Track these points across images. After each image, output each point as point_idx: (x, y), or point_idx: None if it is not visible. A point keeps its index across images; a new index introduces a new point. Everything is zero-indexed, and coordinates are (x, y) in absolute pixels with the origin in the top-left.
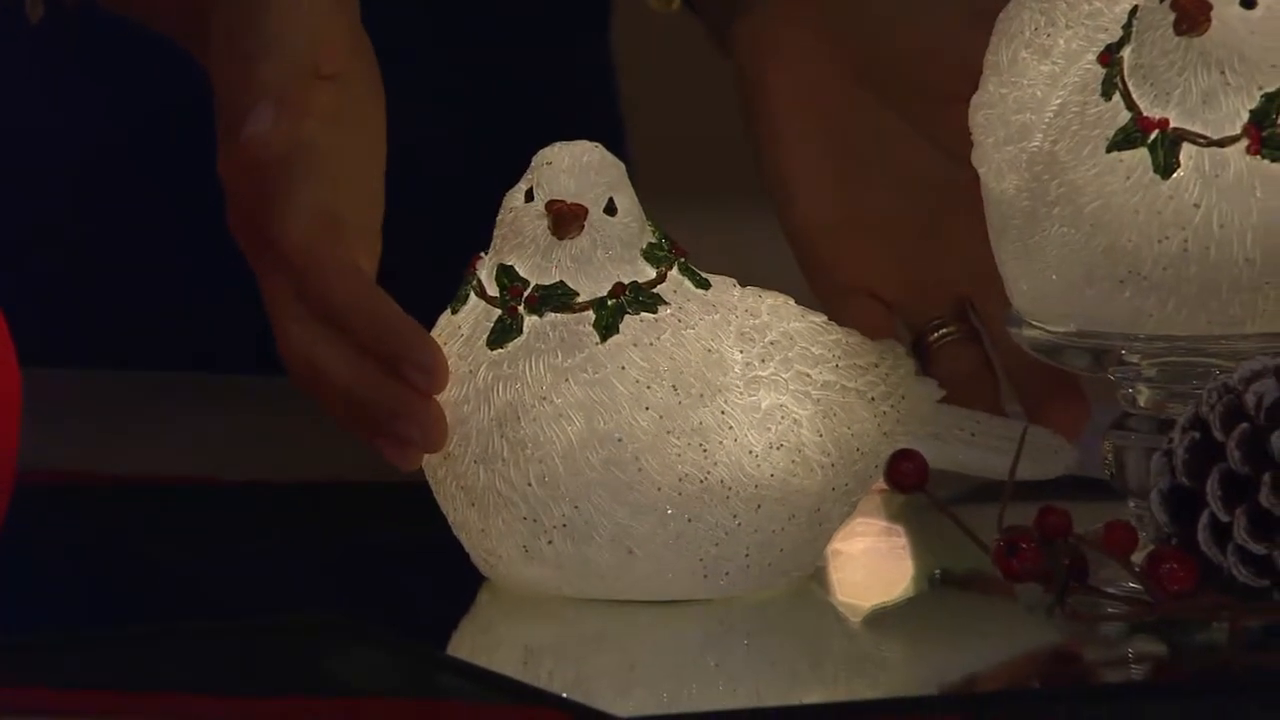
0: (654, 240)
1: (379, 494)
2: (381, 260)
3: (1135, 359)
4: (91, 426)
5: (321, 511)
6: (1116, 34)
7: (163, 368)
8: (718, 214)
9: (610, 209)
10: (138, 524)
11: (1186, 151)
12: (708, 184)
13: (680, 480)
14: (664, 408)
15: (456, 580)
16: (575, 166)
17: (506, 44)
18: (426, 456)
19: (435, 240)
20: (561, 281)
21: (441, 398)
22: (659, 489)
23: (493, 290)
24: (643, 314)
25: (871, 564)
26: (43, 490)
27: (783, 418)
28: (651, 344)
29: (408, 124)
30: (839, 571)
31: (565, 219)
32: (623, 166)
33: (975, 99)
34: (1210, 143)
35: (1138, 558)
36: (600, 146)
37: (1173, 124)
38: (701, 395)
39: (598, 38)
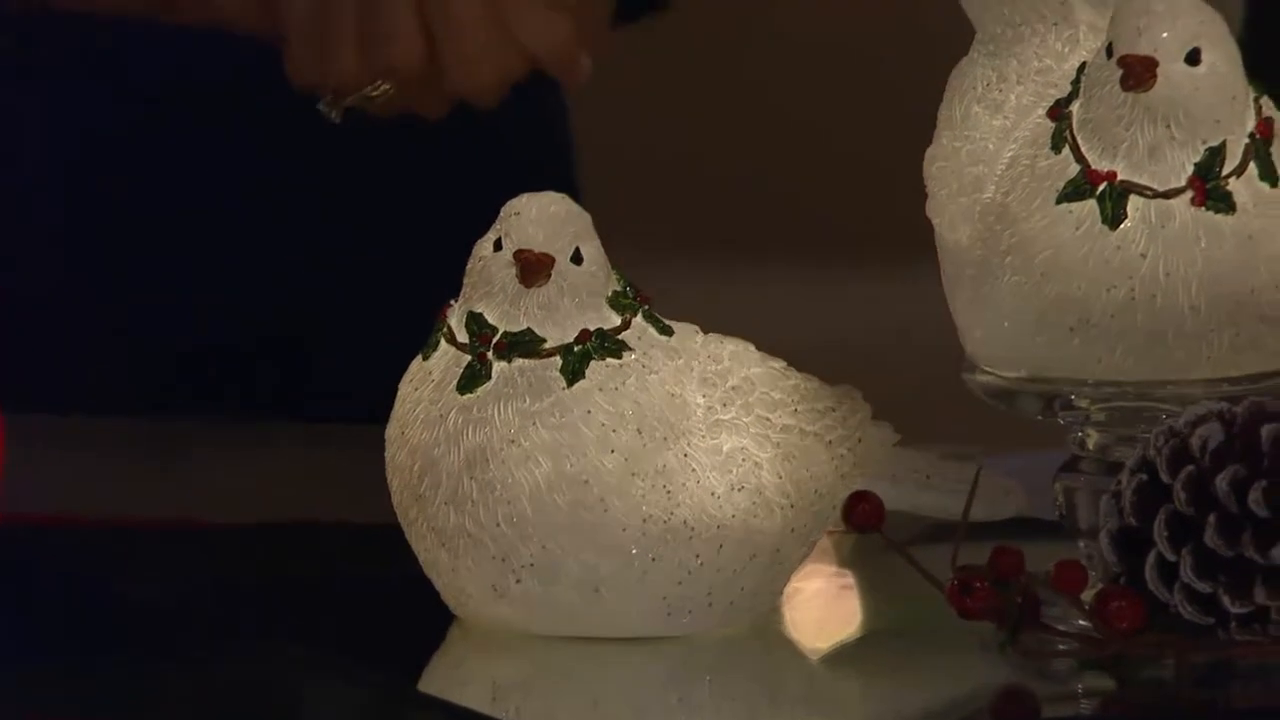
0: (619, 288)
1: (352, 535)
2: (348, 310)
3: (1084, 404)
4: (67, 470)
5: (296, 552)
6: (1066, 89)
7: (130, 412)
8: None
9: (577, 258)
10: (112, 564)
11: (1134, 203)
12: (659, 235)
13: (645, 521)
14: (629, 450)
15: (428, 618)
16: (543, 217)
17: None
18: (398, 498)
19: (401, 288)
20: (529, 328)
21: (412, 441)
22: (624, 529)
23: (462, 337)
24: (608, 359)
25: (829, 603)
26: (17, 531)
27: (744, 460)
28: (616, 389)
29: (370, 179)
30: (798, 610)
31: (533, 268)
32: (588, 217)
33: (930, 152)
34: (1156, 195)
35: (1087, 596)
36: (567, 197)
37: (1120, 176)
38: (665, 438)
39: (552, 93)
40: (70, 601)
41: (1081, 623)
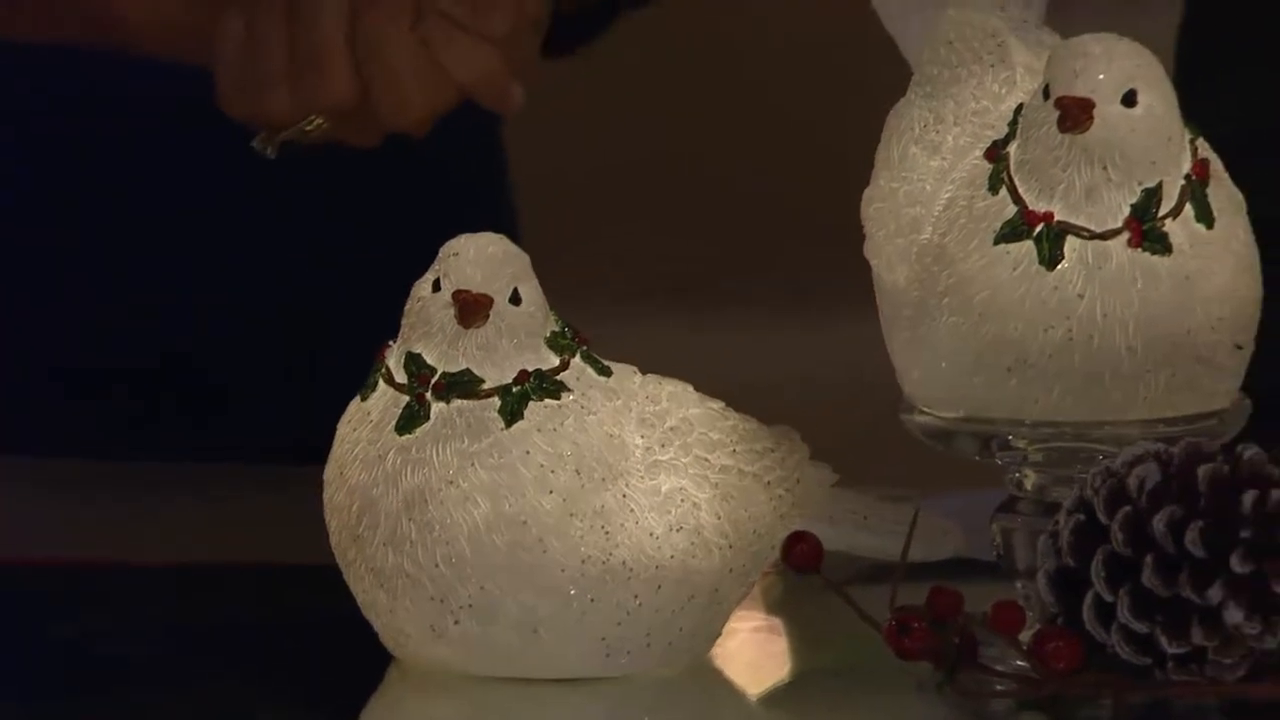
0: (557, 329)
1: (291, 576)
2: (289, 346)
3: (1022, 444)
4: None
5: (234, 592)
6: (1003, 131)
7: (75, 454)
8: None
9: (515, 299)
10: (46, 606)
11: (1070, 244)
12: (597, 277)
13: (583, 562)
14: (567, 491)
15: (366, 659)
16: (481, 257)
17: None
18: (336, 539)
19: (340, 327)
20: (468, 369)
21: (350, 481)
22: (563, 570)
23: (401, 377)
24: (546, 400)
25: (767, 643)
26: None
27: (682, 501)
28: (555, 429)
29: (311, 218)
30: (736, 651)
31: (471, 309)
32: (526, 258)
33: (867, 193)
34: (1093, 236)
35: (1025, 636)
36: (505, 238)
37: (1057, 217)
38: (604, 479)
39: (490, 131)
40: (1, 643)
41: (1019, 663)
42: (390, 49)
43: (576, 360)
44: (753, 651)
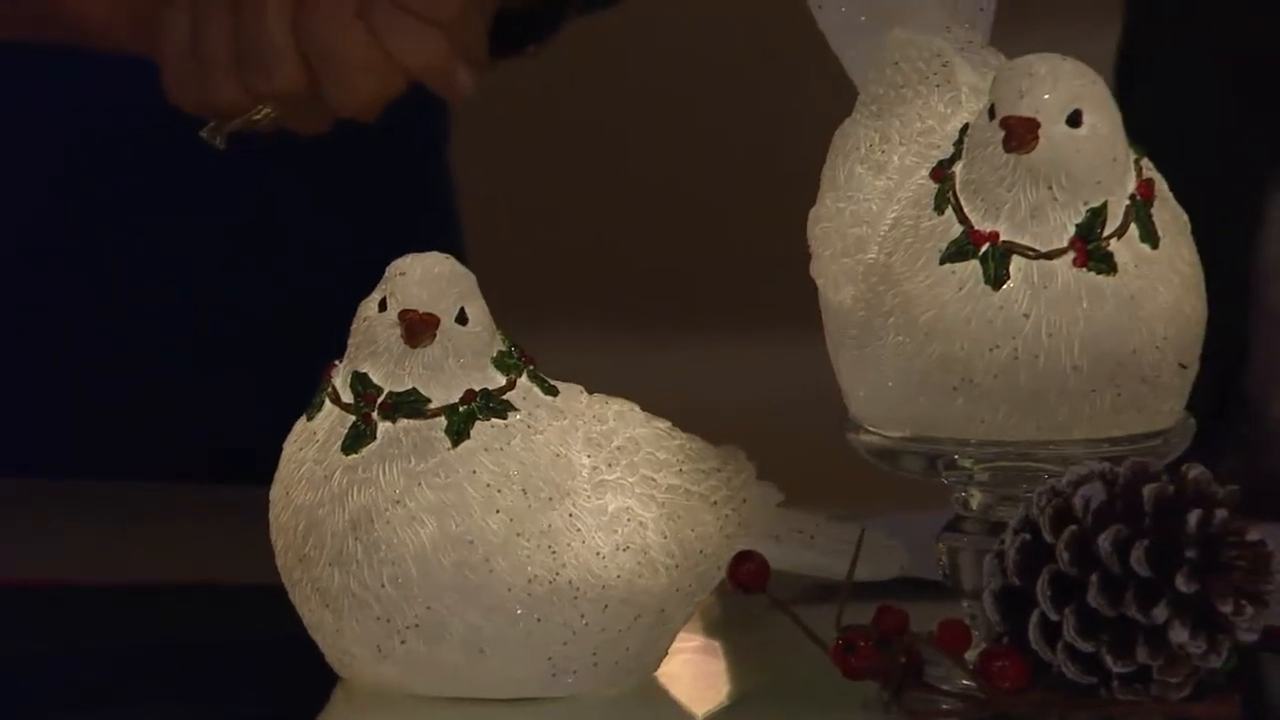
0: (504, 348)
1: (237, 596)
2: (236, 367)
3: (968, 464)
4: None
5: (179, 612)
6: (948, 151)
7: (26, 474)
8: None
9: (462, 318)
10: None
11: (1016, 263)
12: (544, 297)
13: (530, 581)
14: (514, 511)
15: (312, 679)
16: (428, 277)
17: (349, 156)
18: (282, 559)
19: (289, 347)
20: (414, 388)
21: (296, 501)
22: (509, 590)
23: (347, 397)
24: (493, 420)
25: (713, 663)
26: None
27: (629, 520)
28: (502, 449)
29: (260, 237)
30: (682, 670)
31: (418, 328)
32: (473, 277)
33: (813, 212)
34: (1039, 255)
35: (971, 655)
36: (451, 258)
37: (1003, 237)
38: (550, 499)
39: (437, 153)
40: None
41: (965, 682)
42: (336, 36)
43: (523, 380)
44: (699, 671)
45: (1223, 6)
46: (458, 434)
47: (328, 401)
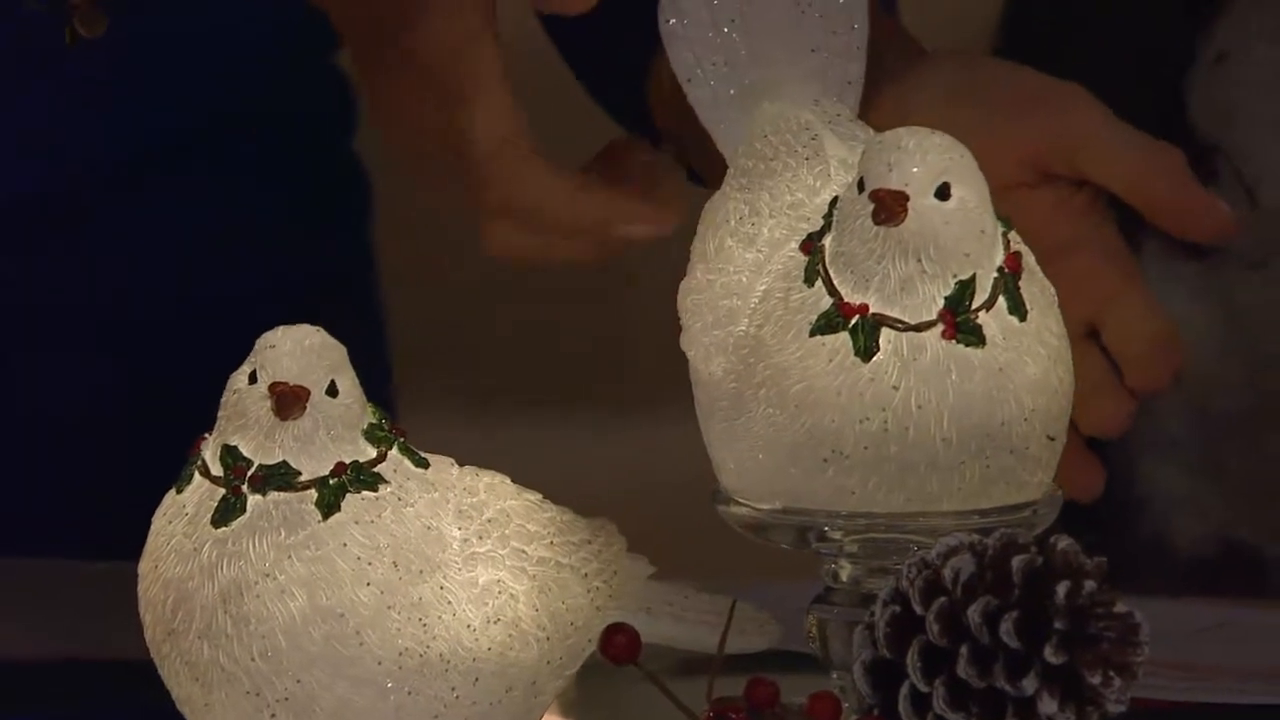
0: (374, 420)
1: (105, 671)
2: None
3: (838, 535)
4: None
5: (45, 690)
6: (818, 223)
7: None
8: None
9: (332, 390)
10: None
11: (886, 336)
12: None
13: (400, 654)
14: (384, 583)
15: None
16: (298, 349)
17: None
18: (150, 633)
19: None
20: (284, 461)
21: (165, 575)
22: (379, 663)
23: (217, 470)
24: (364, 492)
25: None
26: None
27: (500, 593)
28: (372, 521)
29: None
30: None
31: (288, 401)
32: (343, 349)
33: (683, 285)
34: (908, 328)
35: None
36: (322, 330)
37: (872, 309)
38: (421, 571)
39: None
40: None
41: None
42: None
43: (394, 452)
44: None
45: None
46: (328, 507)
47: (197, 474)
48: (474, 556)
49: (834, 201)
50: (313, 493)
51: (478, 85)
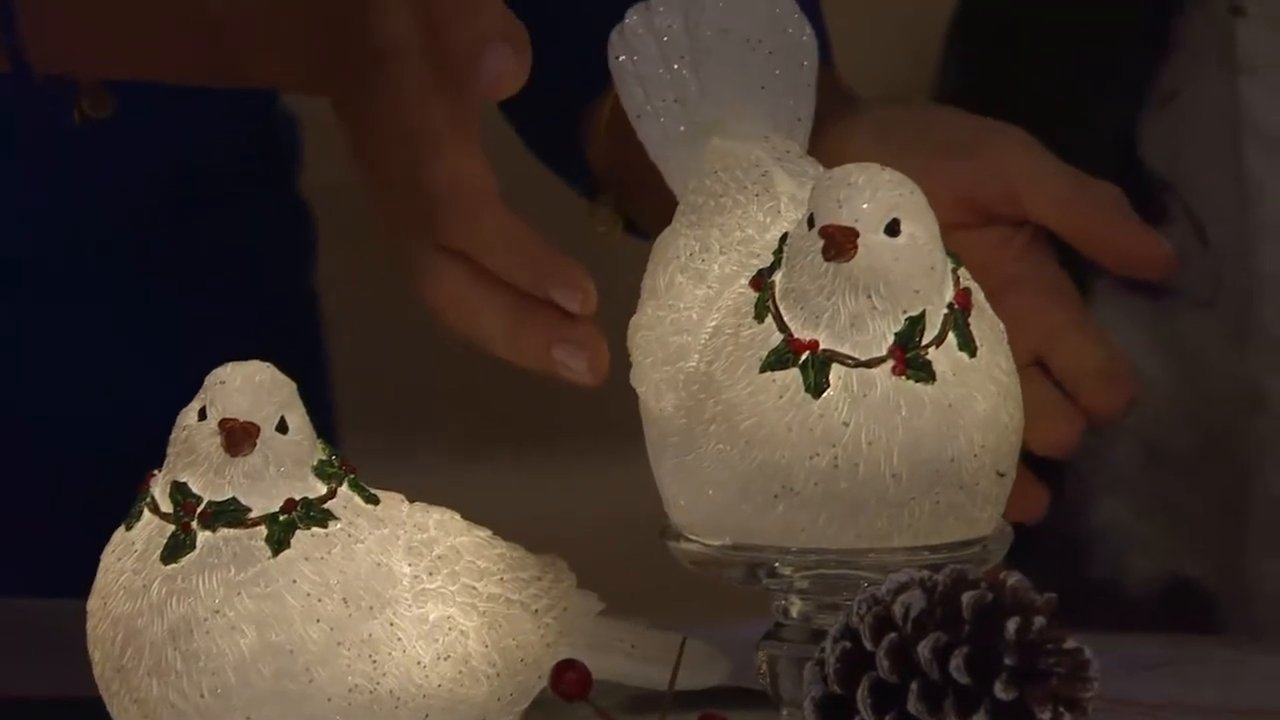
0: (324, 457)
1: (55, 709)
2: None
3: (788, 571)
4: None
5: None
6: (768, 259)
7: None
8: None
9: (282, 427)
10: None
11: (836, 372)
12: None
13: (350, 691)
14: (334, 620)
15: None
16: (248, 386)
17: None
18: (99, 670)
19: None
20: (234, 498)
21: (115, 612)
22: (329, 700)
23: (166, 506)
24: (314, 529)
25: None
26: None
27: (450, 629)
28: (322, 558)
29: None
30: None
31: (238, 437)
32: (293, 385)
33: (634, 320)
34: (858, 364)
35: None
36: (272, 366)
37: (823, 345)
38: (371, 608)
39: (304, 268)
40: None
41: None
42: None
43: (344, 488)
44: None
45: None
46: (278, 543)
47: (146, 511)
48: (424, 593)
49: (784, 237)
50: (263, 529)
51: (443, 129)
